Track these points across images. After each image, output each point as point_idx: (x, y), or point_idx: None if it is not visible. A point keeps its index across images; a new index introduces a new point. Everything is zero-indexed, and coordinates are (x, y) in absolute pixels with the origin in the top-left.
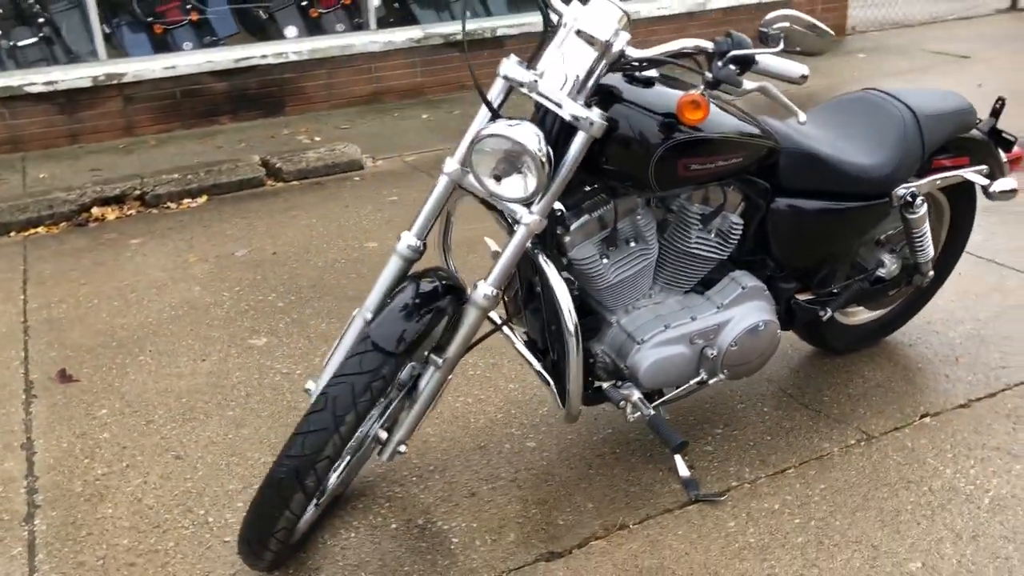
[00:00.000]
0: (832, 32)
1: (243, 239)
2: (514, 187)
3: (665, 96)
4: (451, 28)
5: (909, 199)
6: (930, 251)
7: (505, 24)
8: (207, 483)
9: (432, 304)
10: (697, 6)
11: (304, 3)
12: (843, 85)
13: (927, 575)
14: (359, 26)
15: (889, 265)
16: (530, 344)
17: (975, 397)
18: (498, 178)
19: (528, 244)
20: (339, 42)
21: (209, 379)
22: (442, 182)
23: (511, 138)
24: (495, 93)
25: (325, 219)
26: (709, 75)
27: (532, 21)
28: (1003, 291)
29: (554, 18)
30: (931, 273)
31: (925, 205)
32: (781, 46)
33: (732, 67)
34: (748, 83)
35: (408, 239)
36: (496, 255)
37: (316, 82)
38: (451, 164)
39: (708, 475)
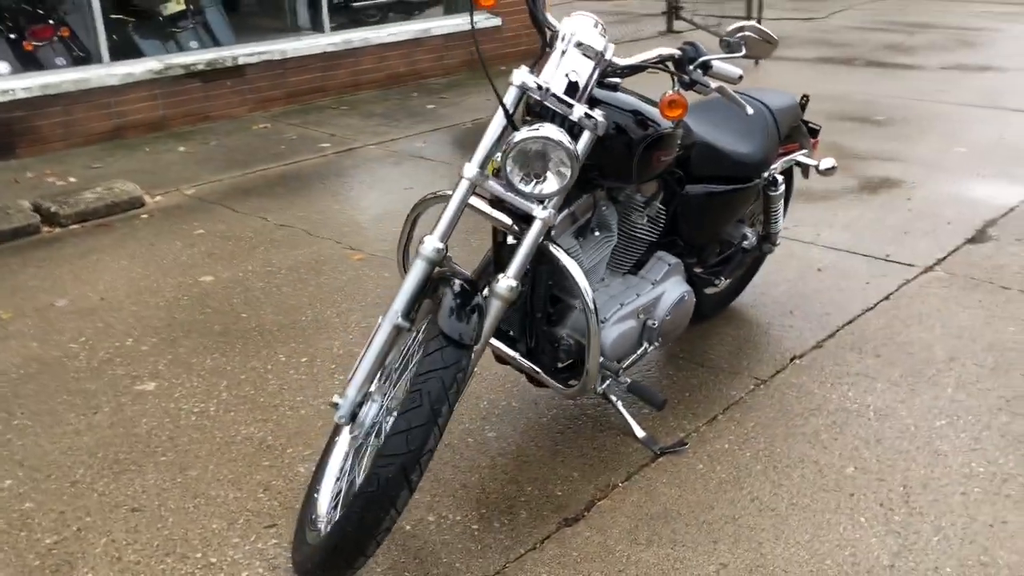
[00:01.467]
0: (778, 40)
1: (52, 289)
2: (551, 183)
3: (637, 98)
4: (192, 58)
5: (771, 180)
6: (780, 223)
7: (246, 53)
8: (186, 527)
9: (474, 299)
10: (422, 32)
11: (14, 36)
12: None
13: (861, 475)
14: (81, 59)
15: (751, 237)
16: (501, 336)
17: (821, 338)
18: (529, 176)
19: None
20: (73, 76)
21: (116, 430)
22: (463, 186)
23: (553, 138)
24: (510, 101)
25: (137, 259)
26: (686, 77)
27: (272, 49)
28: (795, 256)
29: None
30: (778, 242)
31: (782, 185)
32: (743, 51)
33: (700, 71)
34: (712, 83)
35: (433, 243)
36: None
37: (50, 120)
38: (471, 169)
39: (656, 433)
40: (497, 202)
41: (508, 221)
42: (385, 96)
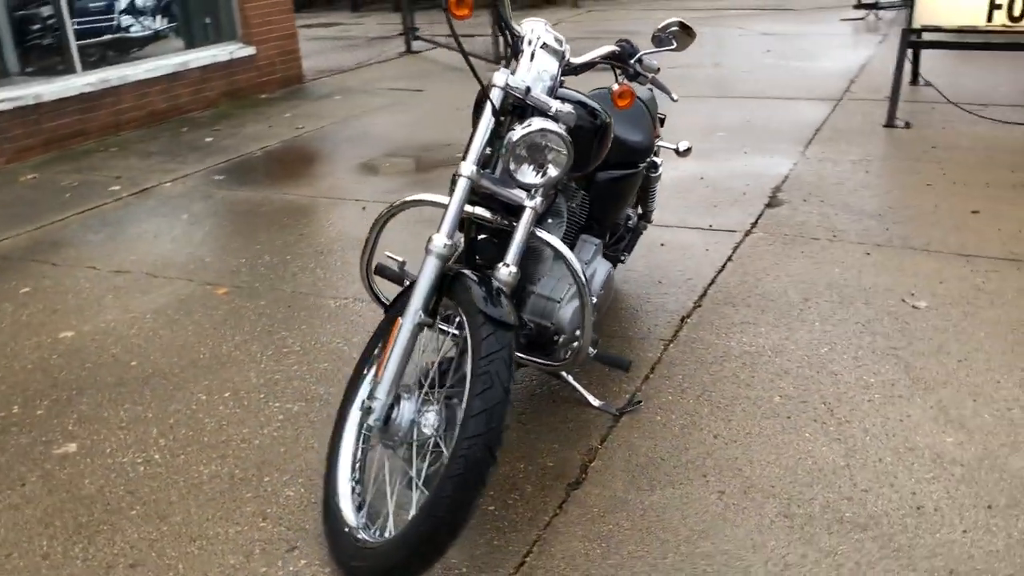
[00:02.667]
0: (696, 33)
1: None
2: (552, 170)
3: (579, 93)
4: None
5: (653, 164)
6: (655, 203)
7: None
8: (203, 570)
9: (494, 285)
10: (180, 66)
11: None
12: (341, 124)
13: (787, 402)
14: None
15: (633, 216)
16: None
17: (696, 299)
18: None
19: None
20: None
21: (58, 496)
22: (463, 185)
23: (553, 130)
24: (496, 99)
25: None
26: (631, 70)
27: (25, 94)
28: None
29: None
30: (652, 220)
31: (661, 168)
32: (674, 45)
33: (638, 64)
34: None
35: (442, 239)
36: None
37: None
38: (469, 167)
39: (604, 398)
40: (486, 199)
41: (488, 215)
42: (154, 134)
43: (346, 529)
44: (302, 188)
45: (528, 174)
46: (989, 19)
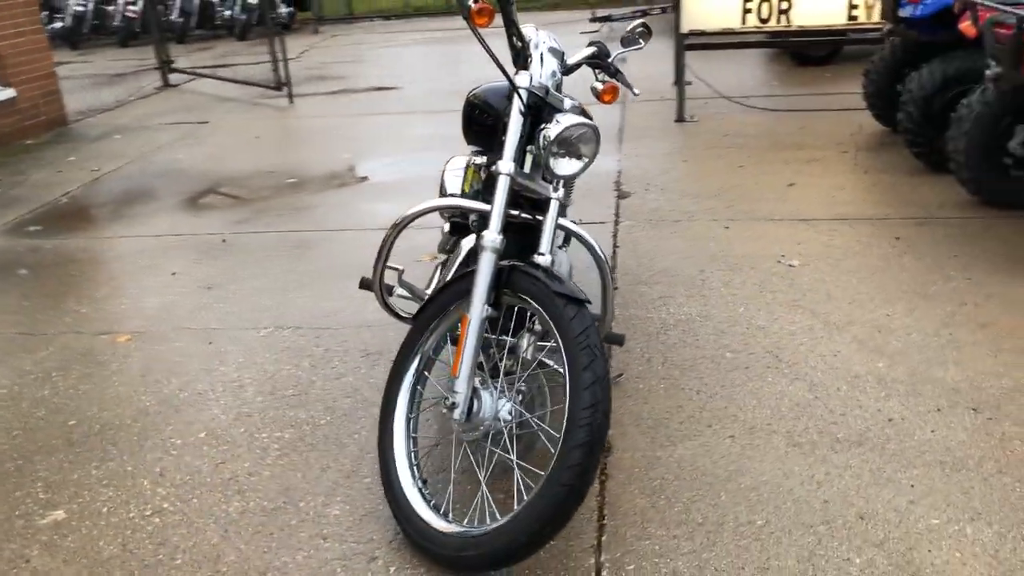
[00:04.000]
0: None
1: None
2: (587, 162)
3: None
4: None
5: None
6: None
7: None
8: None
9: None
10: None
11: None
12: (141, 162)
13: (741, 355)
14: None
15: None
16: None
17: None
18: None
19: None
20: None
21: (79, 564)
22: (504, 182)
23: (589, 124)
24: (524, 101)
25: None
26: (612, 68)
27: None
28: None
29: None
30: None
31: None
32: (641, 44)
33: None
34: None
35: (493, 236)
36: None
37: None
38: (508, 165)
39: None
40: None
41: (514, 211)
42: None
43: (436, 530)
44: (139, 228)
45: (566, 166)
46: (743, 22)
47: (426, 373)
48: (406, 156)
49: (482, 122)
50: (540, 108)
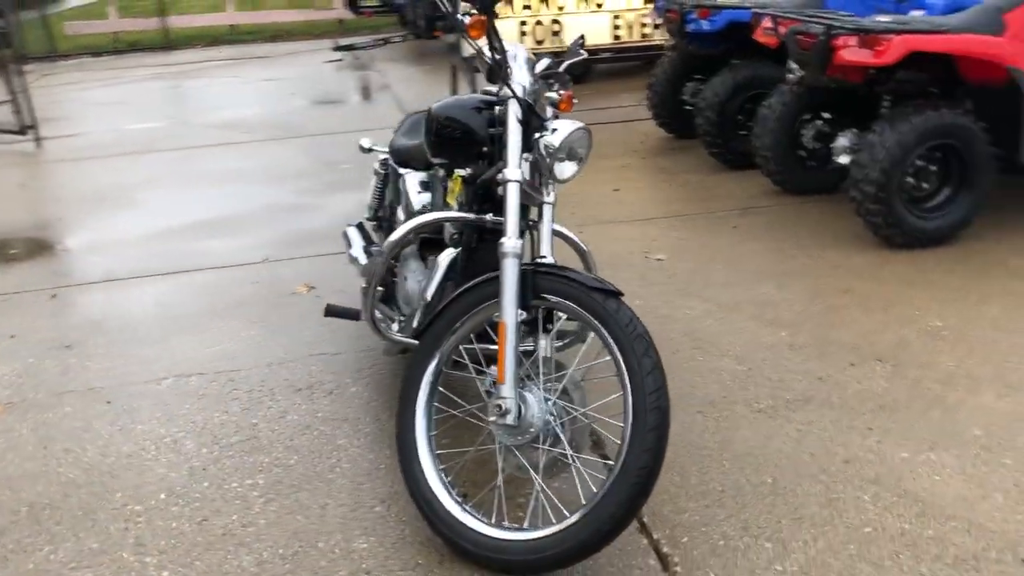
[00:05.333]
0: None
1: None
2: (582, 165)
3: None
4: None
5: None
6: None
7: None
8: None
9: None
10: None
11: None
12: None
13: (678, 340)
14: None
15: None
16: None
17: None
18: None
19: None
20: None
21: None
22: (514, 189)
23: (585, 128)
24: (519, 109)
25: None
26: (565, 78)
27: None
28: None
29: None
30: None
31: None
32: (583, 54)
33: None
34: None
35: (515, 242)
36: None
37: None
38: (516, 172)
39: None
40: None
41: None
42: None
43: (499, 540)
44: None
45: (568, 170)
46: (520, 43)
47: (440, 389)
48: (205, 191)
49: (450, 136)
50: (529, 115)
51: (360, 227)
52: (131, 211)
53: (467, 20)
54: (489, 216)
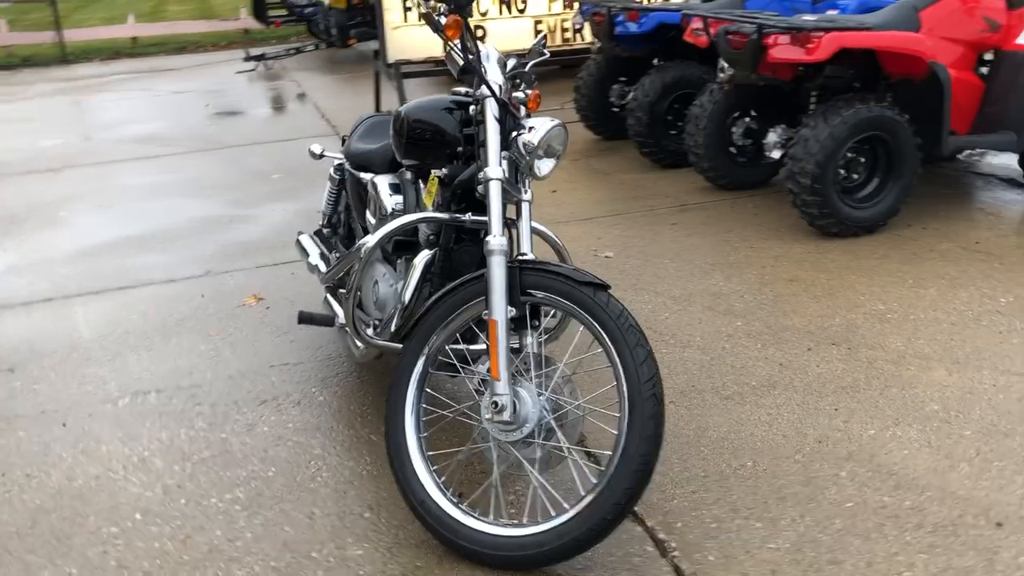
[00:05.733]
0: None
1: None
2: (559, 161)
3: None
4: None
5: None
6: None
7: None
8: None
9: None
10: None
11: None
12: None
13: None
14: None
15: None
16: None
17: None
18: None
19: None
20: None
21: None
22: (496, 187)
23: (562, 125)
24: (497, 108)
25: None
26: (531, 77)
27: None
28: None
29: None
30: None
31: None
32: (546, 54)
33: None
34: None
35: (501, 240)
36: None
37: None
38: (497, 171)
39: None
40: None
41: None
42: None
43: (499, 537)
44: None
45: (546, 166)
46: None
47: (427, 390)
48: (130, 207)
49: (420, 137)
50: (504, 114)
51: (317, 234)
52: (55, 230)
53: (444, 20)
54: (469, 216)
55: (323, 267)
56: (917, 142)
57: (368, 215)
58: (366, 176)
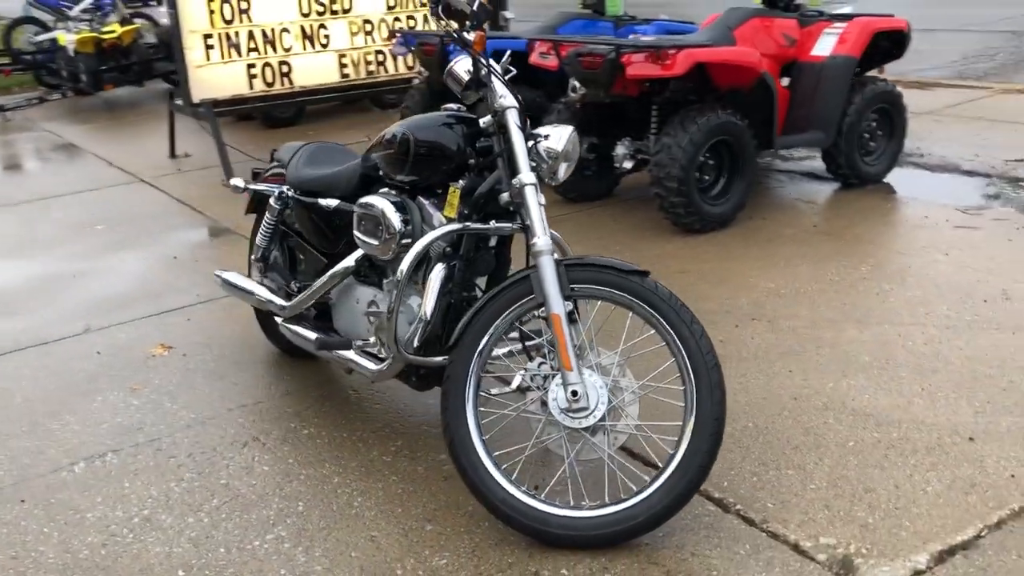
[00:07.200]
0: None
1: None
2: (574, 165)
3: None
4: None
5: None
6: None
7: None
8: None
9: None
10: None
11: None
12: None
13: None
14: None
15: None
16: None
17: None
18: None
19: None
20: None
21: None
22: (532, 191)
23: (575, 131)
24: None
25: None
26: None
27: None
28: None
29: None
30: None
31: None
32: (514, 71)
33: None
34: None
35: (545, 239)
36: None
37: None
38: (531, 176)
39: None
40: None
41: (508, 224)
42: None
43: (589, 518)
44: None
45: (565, 171)
46: (251, 87)
47: (482, 393)
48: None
49: (429, 154)
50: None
51: (264, 267)
52: None
53: (472, 36)
54: (516, 222)
55: (280, 300)
56: (755, 143)
57: (358, 235)
58: (328, 201)
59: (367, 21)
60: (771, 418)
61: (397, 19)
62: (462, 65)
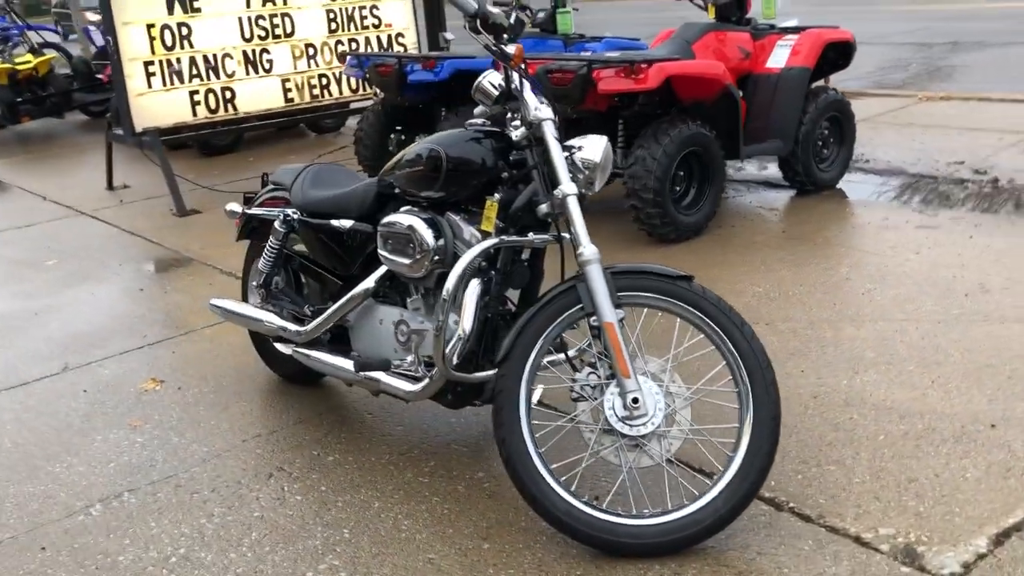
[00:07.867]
0: None
1: None
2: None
3: None
4: None
5: None
6: None
7: None
8: None
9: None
10: None
11: None
12: None
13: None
14: None
15: None
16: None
17: None
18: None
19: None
20: None
21: None
22: (575, 201)
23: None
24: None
25: None
26: None
27: None
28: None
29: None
30: None
31: None
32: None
33: None
34: None
35: (592, 249)
36: None
37: None
38: (572, 186)
39: None
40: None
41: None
42: None
43: (655, 525)
44: None
45: (599, 182)
46: (195, 114)
47: (533, 404)
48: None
49: (463, 170)
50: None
51: (267, 293)
52: None
53: (512, 50)
54: (563, 233)
55: (292, 326)
56: (723, 153)
57: (385, 253)
58: (342, 222)
59: (309, 45)
60: (798, 417)
61: (339, 42)
62: (490, 79)
